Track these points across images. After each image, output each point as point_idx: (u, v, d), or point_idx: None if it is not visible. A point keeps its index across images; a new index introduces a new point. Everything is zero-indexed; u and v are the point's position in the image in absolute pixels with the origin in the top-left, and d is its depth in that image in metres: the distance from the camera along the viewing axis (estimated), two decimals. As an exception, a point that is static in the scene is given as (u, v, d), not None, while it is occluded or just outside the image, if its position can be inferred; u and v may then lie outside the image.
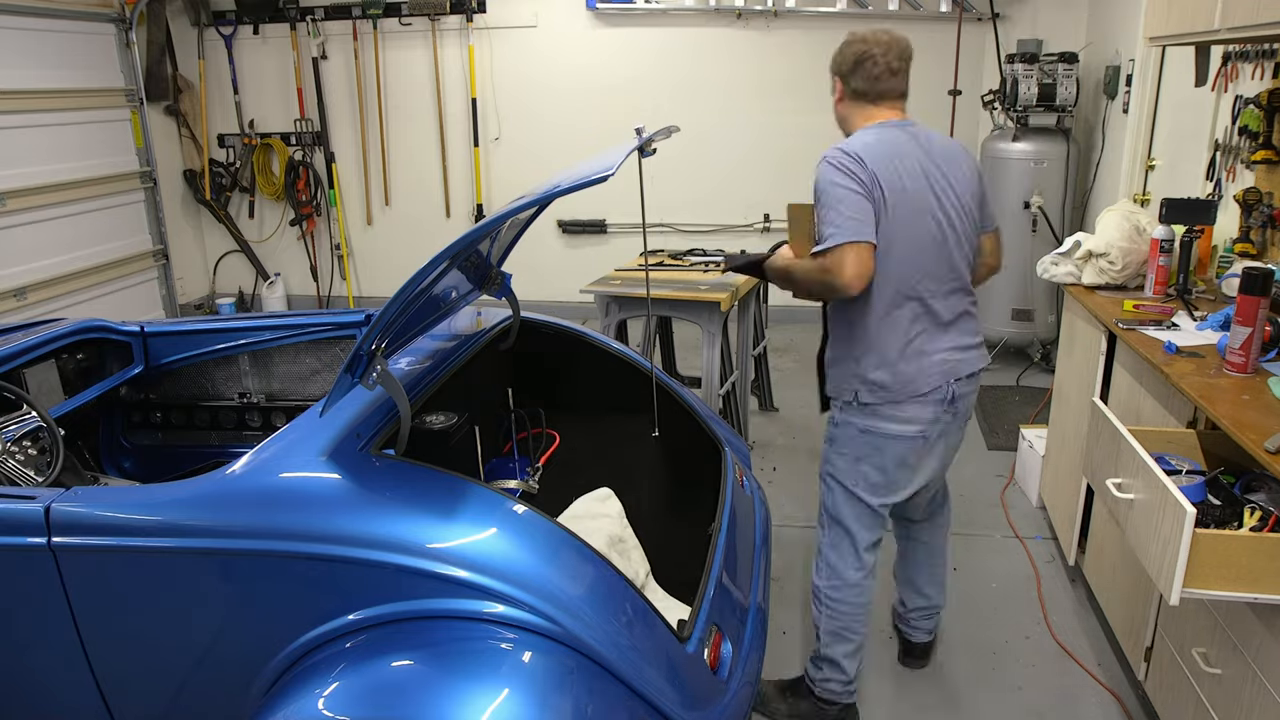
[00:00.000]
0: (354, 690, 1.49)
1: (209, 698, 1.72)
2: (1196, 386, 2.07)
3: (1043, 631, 2.81)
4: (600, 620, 1.57)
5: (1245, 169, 3.10)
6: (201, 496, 1.66)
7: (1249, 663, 1.78)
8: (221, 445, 2.89)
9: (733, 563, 2.10)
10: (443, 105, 6.30)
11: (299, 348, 2.80)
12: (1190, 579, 1.63)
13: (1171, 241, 2.81)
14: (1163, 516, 1.70)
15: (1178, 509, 1.64)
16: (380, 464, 1.71)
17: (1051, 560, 3.20)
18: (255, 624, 1.63)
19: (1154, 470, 1.77)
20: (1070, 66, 4.75)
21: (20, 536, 1.65)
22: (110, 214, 5.80)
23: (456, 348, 2.31)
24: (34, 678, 1.79)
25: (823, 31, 5.73)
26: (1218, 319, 2.49)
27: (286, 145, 6.51)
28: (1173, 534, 1.65)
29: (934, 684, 2.59)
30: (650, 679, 1.58)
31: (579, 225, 6.38)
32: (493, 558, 1.55)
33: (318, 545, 1.56)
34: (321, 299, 6.84)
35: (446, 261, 1.67)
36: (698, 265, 4.00)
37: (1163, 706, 2.22)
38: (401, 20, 6.15)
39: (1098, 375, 2.77)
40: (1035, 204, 4.81)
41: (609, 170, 1.47)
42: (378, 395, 1.87)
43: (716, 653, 1.81)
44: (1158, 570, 1.71)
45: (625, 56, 6.03)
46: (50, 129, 5.31)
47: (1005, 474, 3.87)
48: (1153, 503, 1.75)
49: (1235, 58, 3.16)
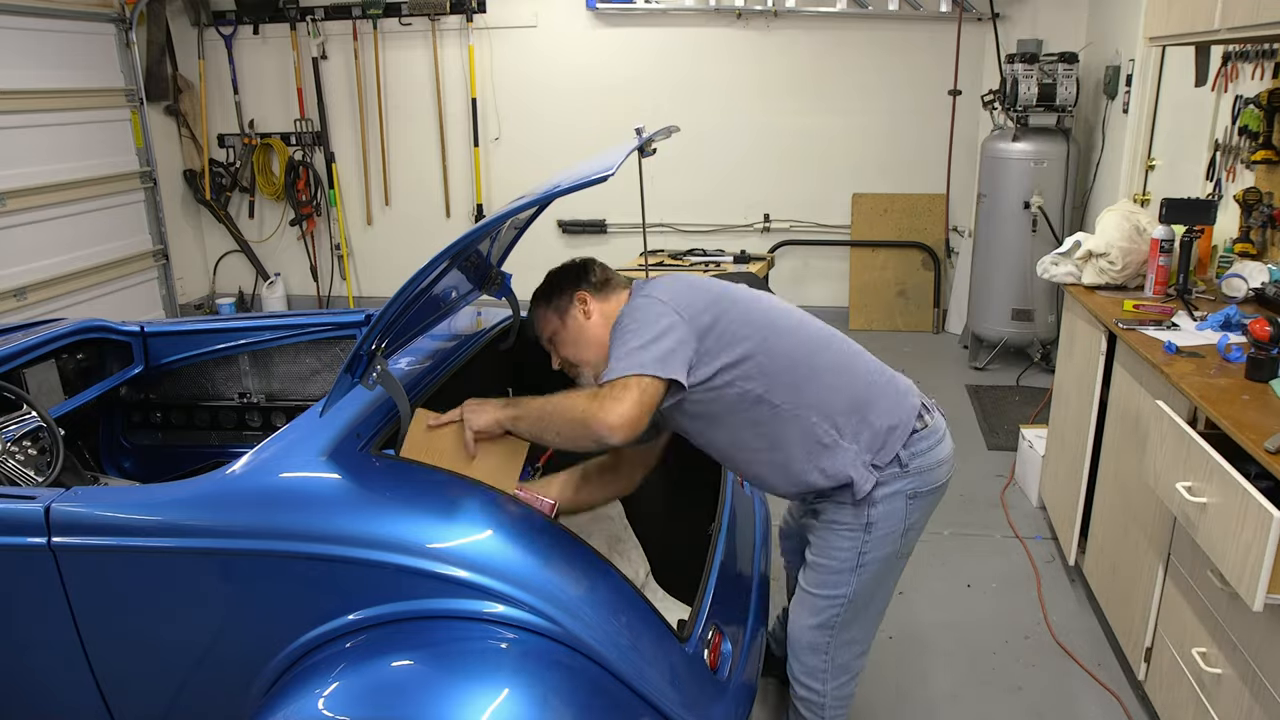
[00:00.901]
0: (354, 690, 1.49)
1: (209, 698, 1.72)
2: (1196, 386, 2.07)
3: (1043, 631, 2.81)
4: (600, 620, 1.56)
5: (1245, 169, 3.10)
6: (201, 496, 1.66)
7: (1249, 663, 1.78)
8: (221, 445, 2.89)
9: (733, 563, 2.09)
10: (443, 105, 6.30)
11: (299, 348, 2.80)
12: (1275, 584, 1.59)
13: (1171, 241, 2.81)
14: (1244, 521, 1.65)
15: (1262, 514, 1.59)
16: (380, 464, 1.71)
17: (1051, 560, 3.20)
18: (255, 624, 1.63)
19: (1232, 474, 1.72)
20: (1070, 66, 4.75)
21: (20, 536, 1.65)
22: (110, 214, 5.80)
23: (456, 348, 2.30)
24: (34, 678, 1.79)
25: (823, 31, 5.73)
26: (1218, 319, 2.49)
27: (286, 145, 6.50)
28: (1256, 539, 1.61)
29: (934, 684, 2.59)
30: (650, 679, 1.58)
31: (579, 225, 6.37)
32: (492, 558, 1.55)
33: (318, 545, 1.56)
34: (321, 299, 6.84)
35: (446, 261, 1.67)
36: (698, 265, 4.00)
37: (1163, 706, 2.22)
38: (401, 20, 6.15)
39: (1098, 375, 2.77)
40: (1035, 204, 4.81)
41: (609, 170, 1.47)
42: (378, 395, 1.87)
43: (716, 653, 1.81)
44: (1238, 576, 1.67)
45: (625, 56, 6.03)
46: (50, 129, 5.30)
47: (1005, 474, 3.87)
48: (1231, 507, 1.70)
49: (1235, 58, 3.16)
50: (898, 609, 2.93)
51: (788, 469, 1.79)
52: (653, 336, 1.67)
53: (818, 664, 1.92)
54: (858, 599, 1.86)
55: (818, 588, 1.87)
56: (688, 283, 1.83)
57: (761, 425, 1.75)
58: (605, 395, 1.62)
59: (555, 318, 1.87)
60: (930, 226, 5.99)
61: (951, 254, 6.04)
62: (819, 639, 1.90)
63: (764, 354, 1.74)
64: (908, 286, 6.08)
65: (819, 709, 1.96)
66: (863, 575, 1.83)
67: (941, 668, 2.66)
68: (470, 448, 1.82)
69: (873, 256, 6.10)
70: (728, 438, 1.80)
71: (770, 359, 1.74)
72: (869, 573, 1.83)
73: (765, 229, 6.20)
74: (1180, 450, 1.95)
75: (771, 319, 1.81)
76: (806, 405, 1.74)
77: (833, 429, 1.74)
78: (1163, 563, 2.23)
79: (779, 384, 1.74)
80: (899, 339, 5.93)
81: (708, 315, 1.73)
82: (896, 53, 5.72)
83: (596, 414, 1.60)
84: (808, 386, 1.75)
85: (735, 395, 1.74)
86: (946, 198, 5.94)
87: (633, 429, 1.60)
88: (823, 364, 1.79)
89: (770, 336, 1.77)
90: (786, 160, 6.07)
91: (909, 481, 1.78)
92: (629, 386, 1.62)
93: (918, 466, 1.78)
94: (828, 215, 6.14)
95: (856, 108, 5.88)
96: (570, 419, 1.66)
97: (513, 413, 1.79)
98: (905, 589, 3.04)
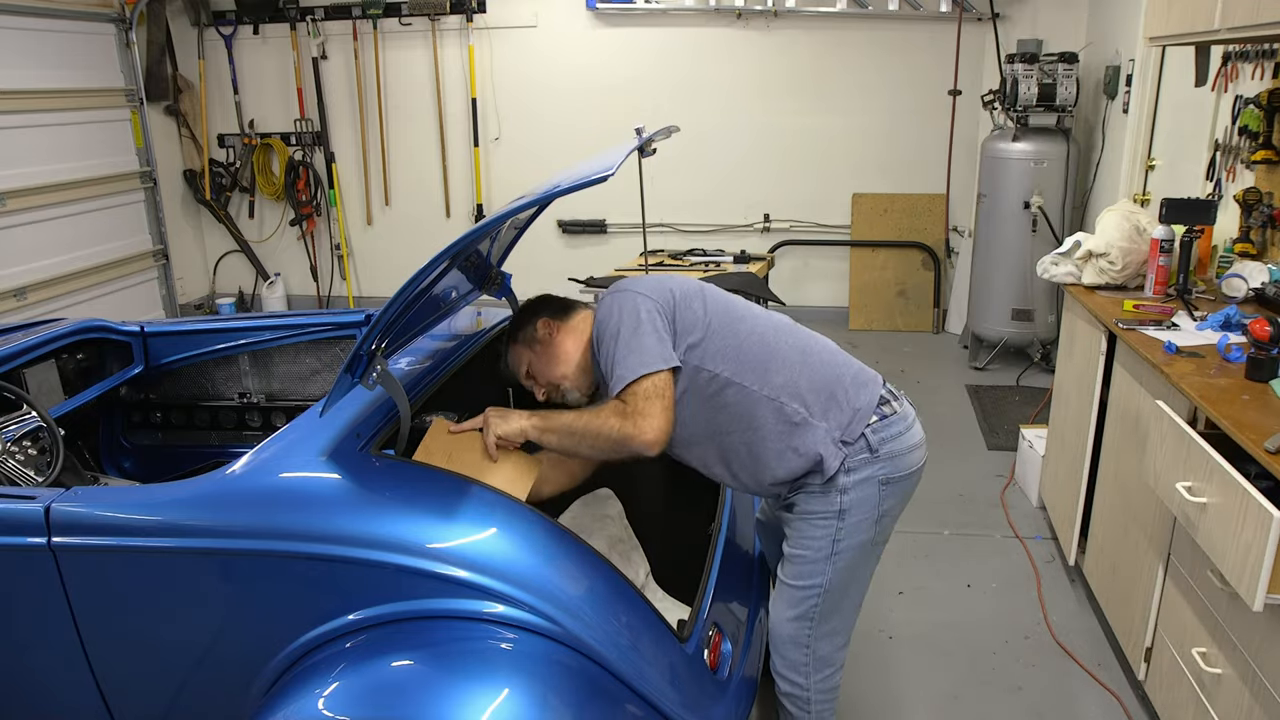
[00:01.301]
0: (354, 690, 1.49)
1: (209, 698, 1.72)
2: (1196, 387, 2.07)
3: (1043, 631, 2.81)
4: (600, 620, 1.56)
5: (1245, 169, 3.10)
6: (201, 496, 1.66)
7: (1249, 663, 1.78)
8: (221, 445, 2.88)
9: (733, 563, 2.10)
10: (443, 105, 6.30)
11: (299, 348, 2.80)
12: (1275, 584, 1.59)
13: (1171, 241, 2.81)
14: (1244, 521, 1.65)
15: (1262, 514, 1.59)
16: (380, 464, 1.71)
17: (1051, 560, 3.21)
18: (255, 624, 1.63)
19: (1232, 474, 1.72)
20: (1070, 66, 4.75)
21: (20, 536, 1.65)
22: (110, 214, 5.80)
23: (456, 348, 2.30)
24: (34, 678, 1.79)
25: (823, 31, 5.73)
26: (1218, 319, 2.49)
27: (286, 145, 6.50)
28: (1256, 539, 1.60)
29: (934, 684, 2.59)
30: (650, 679, 1.58)
31: (579, 225, 6.38)
32: (493, 558, 1.55)
33: (318, 545, 1.56)
34: (321, 299, 6.84)
35: (446, 261, 1.67)
36: (698, 265, 4.00)
37: (1163, 706, 2.22)
38: (401, 20, 6.15)
39: (1098, 375, 2.77)
40: (1035, 204, 4.81)
41: (609, 170, 1.47)
42: (378, 395, 1.87)
43: (716, 653, 1.81)
44: (1238, 576, 1.67)
45: (625, 56, 6.03)
46: (50, 129, 5.30)
47: (1005, 474, 3.87)
48: (1231, 507, 1.70)
49: (1235, 58, 3.16)
50: (898, 609, 2.93)
51: (763, 451, 1.81)
52: (639, 322, 1.75)
53: (799, 657, 1.94)
54: (834, 588, 1.88)
55: (795, 579, 1.89)
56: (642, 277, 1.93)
57: (734, 407, 1.81)
58: (633, 412, 1.69)
59: (525, 350, 1.95)
60: (930, 226, 5.99)
61: (951, 254, 6.05)
62: (799, 631, 1.91)
63: (728, 335, 1.82)
64: (908, 286, 6.09)
65: (804, 704, 1.97)
66: (838, 563, 1.85)
67: (941, 668, 2.66)
68: (492, 452, 1.82)
69: (873, 256, 6.10)
70: (705, 424, 1.84)
71: (734, 339, 1.82)
72: (844, 560, 1.85)
73: (765, 229, 6.20)
74: (1180, 450, 1.95)
75: (728, 306, 1.89)
76: (775, 386, 1.80)
77: (802, 407, 1.79)
78: (1163, 563, 2.23)
79: (746, 367, 1.80)
80: (899, 339, 5.93)
81: (670, 297, 1.82)
82: (896, 53, 5.73)
83: (632, 433, 1.68)
84: (774, 367, 1.81)
85: (706, 379, 1.80)
86: (946, 198, 5.94)
87: (667, 437, 1.71)
88: (787, 347, 1.85)
89: (731, 321, 1.85)
90: (786, 160, 6.06)
91: (880, 467, 1.81)
92: (649, 396, 1.70)
93: (888, 451, 1.81)
94: (828, 215, 6.14)
95: (856, 108, 5.88)
96: (606, 438, 1.71)
97: (539, 424, 1.80)
98: (905, 589, 3.04)
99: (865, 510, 1.82)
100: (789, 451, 1.79)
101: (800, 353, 1.85)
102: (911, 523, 3.48)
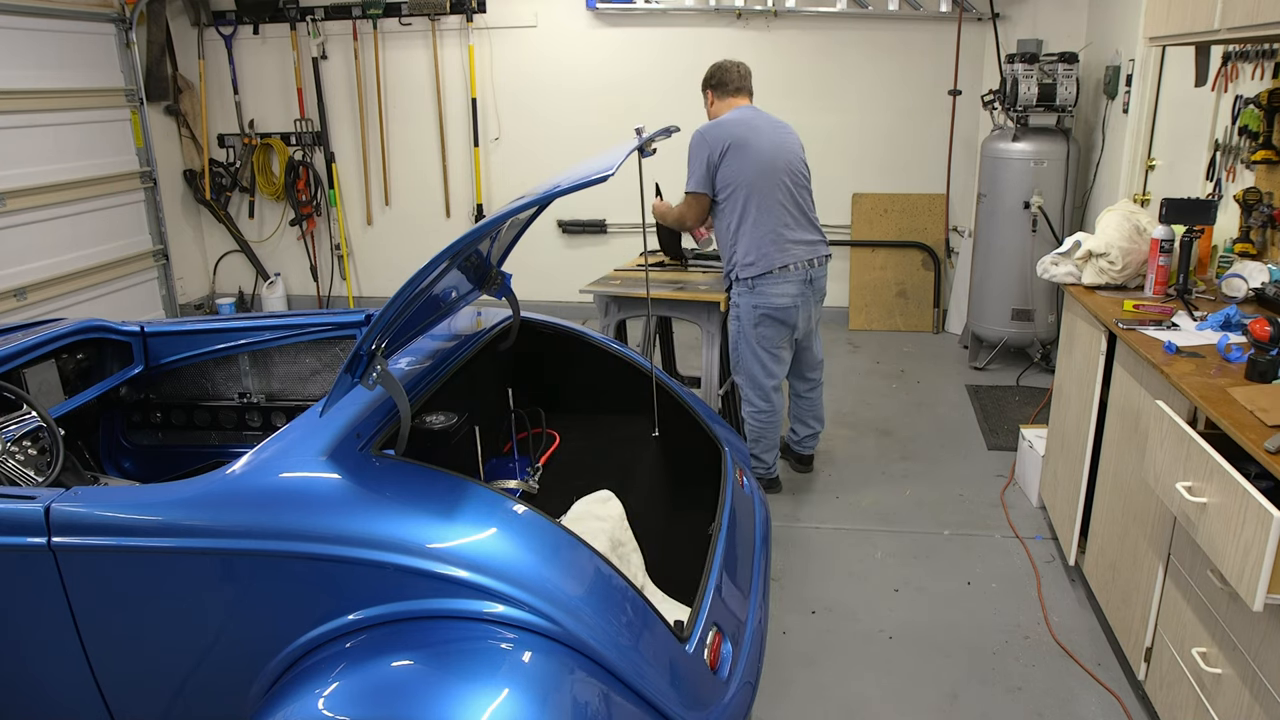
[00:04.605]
0: (354, 690, 1.49)
1: (209, 698, 1.72)
2: (1196, 387, 2.07)
3: (1043, 631, 2.81)
4: (600, 620, 1.57)
5: (1245, 169, 3.10)
6: (201, 496, 1.66)
7: (1249, 663, 1.78)
8: (221, 445, 2.89)
9: (733, 563, 2.10)
10: (442, 105, 6.30)
11: (299, 348, 2.80)
12: (1275, 584, 1.59)
13: (1171, 241, 2.81)
14: (1243, 521, 1.65)
15: (1262, 514, 1.59)
16: (380, 464, 1.71)
17: (1051, 560, 3.21)
18: (255, 624, 1.63)
19: (1232, 474, 1.72)
20: (1070, 66, 4.75)
21: (20, 536, 1.65)
22: (110, 214, 5.80)
23: (456, 348, 2.31)
24: (34, 678, 1.79)
25: (823, 31, 5.73)
26: (1218, 319, 2.49)
27: (286, 145, 6.51)
28: (1256, 539, 1.60)
29: (934, 684, 2.60)
30: (650, 679, 1.58)
31: (579, 225, 6.38)
32: (493, 558, 1.55)
33: (318, 545, 1.56)
34: (321, 299, 6.84)
35: (446, 261, 1.67)
36: (697, 265, 4.00)
37: (1163, 706, 2.22)
38: (401, 20, 6.15)
39: (1098, 375, 2.77)
40: (1035, 204, 4.82)
41: (609, 170, 1.47)
42: (378, 395, 1.87)
43: (716, 653, 1.82)
44: (1238, 576, 1.67)
45: (625, 56, 6.03)
46: (50, 129, 5.30)
47: (1005, 474, 3.87)
48: (1230, 507, 1.70)
49: (1235, 58, 3.16)
50: (898, 608, 2.93)
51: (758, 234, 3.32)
52: (694, 168, 3.36)
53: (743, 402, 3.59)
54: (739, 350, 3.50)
55: None
56: (724, 128, 3.37)
57: (746, 214, 3.32)
58: (681, 205, 3.48)
59: None
60: (930, 226, 6.00)
61: (951, 254, 6.04)
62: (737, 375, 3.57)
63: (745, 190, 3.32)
64: (907, 286, 6.09)
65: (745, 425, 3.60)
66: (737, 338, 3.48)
67: (941, 667, 2.66)
68: None
69: (872, 256, 6.10)
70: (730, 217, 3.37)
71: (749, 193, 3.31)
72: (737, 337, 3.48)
73: (765, 229, 6.19)
74: (1180, 450, 1.95)
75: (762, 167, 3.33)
76: (765, 215, 3.32)
77: (781, 227, 3.35)
78: (1163, 563, 2.23)
79: (750, 205, 3.32)
80: (899, 339, 5.93)
81: (719, 155, 3.30)
82: (896, 53, 5.73)
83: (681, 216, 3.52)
84: (766, 207, 3.32)
85: (726, 197, 3.36)
86: (946, 198, 5.94)
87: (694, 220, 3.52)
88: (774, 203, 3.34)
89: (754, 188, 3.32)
90: (786, 160, 6.05)
91: (754, 297, 3.34)
92: (689, 204, 3.42)
93: (760, 290, 3.34)
94: (827, 215, 6.11)
95: (857, 107, 5.88)
96: (673, 217, 3.57)
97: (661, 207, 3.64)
98: (905, 588, 3.04)
99: (744, 313, 3.39)
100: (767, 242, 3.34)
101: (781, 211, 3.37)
102: (911, 522, 3.48)
